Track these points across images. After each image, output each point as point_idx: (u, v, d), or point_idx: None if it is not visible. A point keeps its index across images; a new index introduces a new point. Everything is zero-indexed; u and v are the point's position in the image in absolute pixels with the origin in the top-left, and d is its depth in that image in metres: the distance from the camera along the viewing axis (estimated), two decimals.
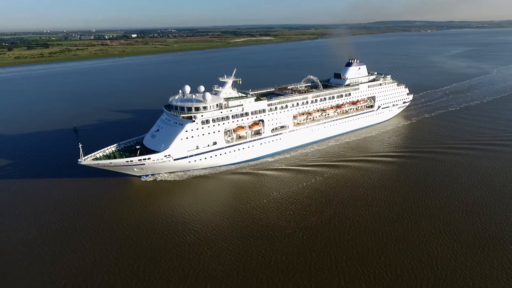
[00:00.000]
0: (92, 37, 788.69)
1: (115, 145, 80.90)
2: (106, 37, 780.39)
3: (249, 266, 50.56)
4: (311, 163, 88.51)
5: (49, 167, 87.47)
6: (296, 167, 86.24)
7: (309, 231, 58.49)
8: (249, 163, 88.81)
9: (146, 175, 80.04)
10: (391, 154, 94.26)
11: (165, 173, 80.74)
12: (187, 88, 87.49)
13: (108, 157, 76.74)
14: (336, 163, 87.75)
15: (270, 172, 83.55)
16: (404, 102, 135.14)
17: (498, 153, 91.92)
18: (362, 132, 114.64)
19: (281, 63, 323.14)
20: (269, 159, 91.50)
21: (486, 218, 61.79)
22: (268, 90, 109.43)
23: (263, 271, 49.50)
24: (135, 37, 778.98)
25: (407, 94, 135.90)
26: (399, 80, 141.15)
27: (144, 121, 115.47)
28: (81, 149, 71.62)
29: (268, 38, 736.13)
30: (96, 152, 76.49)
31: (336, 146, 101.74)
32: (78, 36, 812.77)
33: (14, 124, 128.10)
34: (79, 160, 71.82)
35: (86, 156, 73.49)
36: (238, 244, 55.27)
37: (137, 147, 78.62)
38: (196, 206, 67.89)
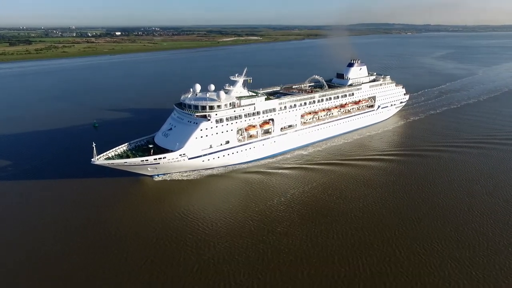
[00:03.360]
0: (74, 34, 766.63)
1: (126, 144, 79.28)
2: (89, 34, 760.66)
3: (315, 241, 55.94)
4: (325, 161, 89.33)
5: (62, 166, 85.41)
6: (311, 165, 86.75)
7: (359, 211, 64.79)
8: (260, 162, 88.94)
9: (158, 175, 78.89)
10: (403, 151, 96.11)
11: (177, 172, 79.84)
12: (198, 87, 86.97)
13: (120, 156, 75.19)
14: (349, 162, 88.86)
15: (287, 171, 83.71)
16: (401, 102, 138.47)
17: (500, 152, 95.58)
18: (364, 131, 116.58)
19: (278, 62, 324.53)
20: (279, 158, 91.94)
21: (505, 200, 68.70)
22: (273, 90, 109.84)
23: (330, 245, 55.06)
24: (119, 35, 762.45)
25: (404, 94, 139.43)
26: (394, 80, 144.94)
27: (152, 120, 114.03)
28: (94, 148, 69.80)
29: (256, 38, 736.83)
30: (108, 152, 74.76)
31: (343, 144, 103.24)
32: (60, 33, 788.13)
33: (19, 123, 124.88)
34: (92, 159, 70.00)
35: (99, 156, 71.77)
36: (299, 224, 60.81)
37: (150, 146, 77.36)
38: (209, 209, 67.10)
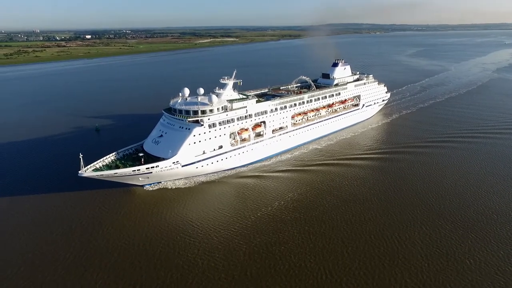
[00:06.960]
0: (41, 38, 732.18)
1: (114, 153, 75.20)
2: (58, 38, 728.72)
3: (342, 225, 60.63)
4: (317, 162, 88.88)
5: (46, 178, 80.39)
6: (303, 167, 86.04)
7: (378, 195, 71.28)
8: (253, 165, 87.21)
9: (150, 184, 75.46)
10: (393, 149, 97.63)
11: (169, 180, 76.71)
12: (187, 91, 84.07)
13: (109, 167, 71.09)
14: (343, 161, 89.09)
15: (282, 174, 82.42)
16: (383, 100, 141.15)
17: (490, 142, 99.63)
18: (351, 130, 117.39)
19: (260, 62, 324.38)
20: (272, 161, 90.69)
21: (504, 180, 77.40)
22: (262, 91, 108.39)
23: (360, 228, 59.77)
24: (90, 38, 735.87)
25: (386, 92, 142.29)
26: (376, 79, 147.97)
27: (139, 126, 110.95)
28: (81, 159, 65.48)
29: (233, 39, 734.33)
30: (95, 162, 70.44)
31: (334, 144, 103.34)
32: (25, 37, 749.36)
33: (10, 130, 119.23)
34: (79, 172, 65.66)
35: (86, 167, 67.52)
36: (318, 214, 64.70)
37: (140, 154, 73.79)
38: (214, 212, 65.04)
